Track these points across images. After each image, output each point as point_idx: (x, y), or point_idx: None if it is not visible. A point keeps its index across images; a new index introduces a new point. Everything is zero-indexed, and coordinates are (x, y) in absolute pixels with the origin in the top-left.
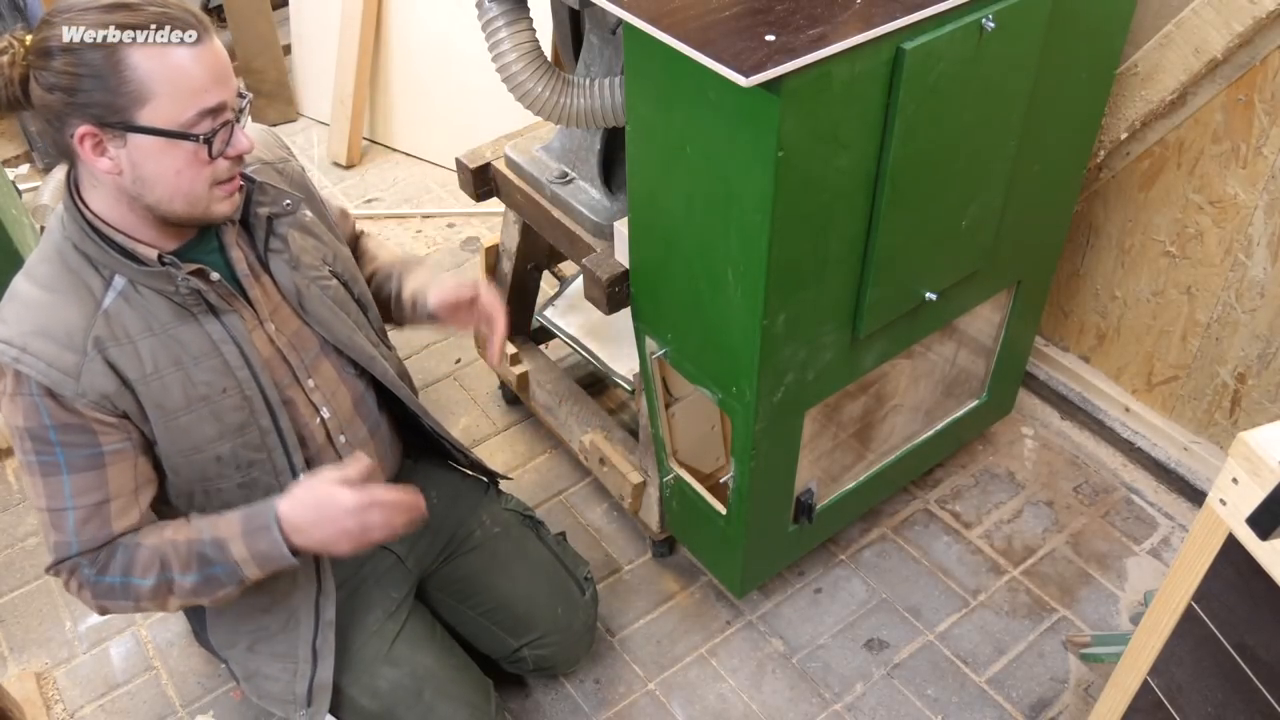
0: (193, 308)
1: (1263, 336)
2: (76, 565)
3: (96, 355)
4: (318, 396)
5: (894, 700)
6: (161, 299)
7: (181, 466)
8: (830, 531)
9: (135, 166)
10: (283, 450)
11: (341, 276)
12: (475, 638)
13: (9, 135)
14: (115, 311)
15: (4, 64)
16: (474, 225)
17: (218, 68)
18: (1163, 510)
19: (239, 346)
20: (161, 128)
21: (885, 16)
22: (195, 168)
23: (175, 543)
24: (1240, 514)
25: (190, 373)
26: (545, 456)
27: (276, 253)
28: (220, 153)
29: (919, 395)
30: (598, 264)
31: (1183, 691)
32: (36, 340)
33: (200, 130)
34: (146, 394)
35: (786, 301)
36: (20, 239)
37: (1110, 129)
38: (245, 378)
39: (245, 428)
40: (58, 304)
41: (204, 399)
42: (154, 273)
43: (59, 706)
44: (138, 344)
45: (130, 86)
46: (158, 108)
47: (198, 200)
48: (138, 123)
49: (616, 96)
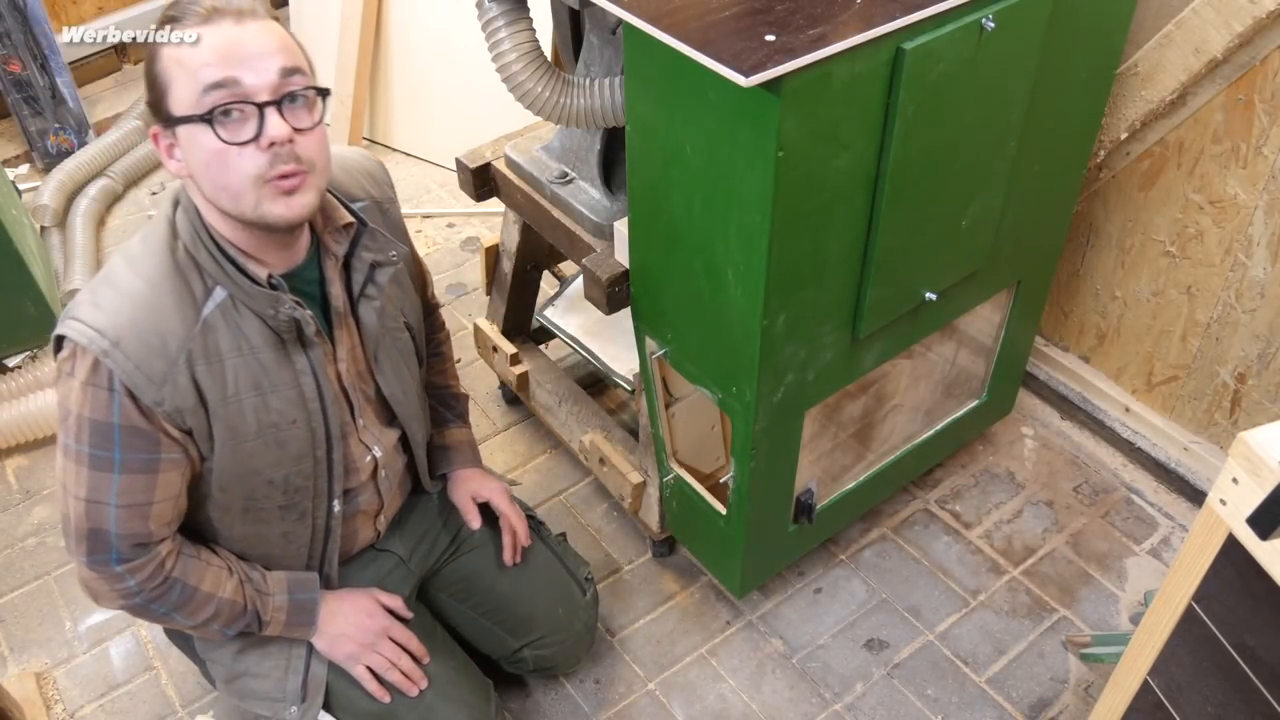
0: (285, 335)
1: (1263, 336)
2: (123, 580)
3: (185, 369)
4: (369, 436)
5: (894, 700)
6: (257, 321)
7: (231, 485)
8: (830, 531)
9: (191, 165)
10: (328, 480)
11: (413, 329)
12: (476, 638)
13: (9, 135)
14: (212, 324)
15: None
16: (474, 225)
17: (227, 47)
18: (1163, 510)
19: (317, 380)
20: (180, 114)
21: (885, 16)
22: (223, 157)
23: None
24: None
25: (267, 399)
26: (545, 456)
27: (369, 299)
28: (236, 138)
29: (919, 395)
30: (598, 264)
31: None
32: (130, 337)
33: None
34: (221, 416)
35: (786, 301)
36: (20, 239)
37: (1110, 129)
38: (315, 410)
39: (303, 458)
40: (158, 303)
41: (274, 426)
42: (259, 294)
43: (59, 706)
44: (225, 363)
45: (159, 77)
46: (176, 94)
47: (240, 196)
48: (169, 113)
49: (616, 96)
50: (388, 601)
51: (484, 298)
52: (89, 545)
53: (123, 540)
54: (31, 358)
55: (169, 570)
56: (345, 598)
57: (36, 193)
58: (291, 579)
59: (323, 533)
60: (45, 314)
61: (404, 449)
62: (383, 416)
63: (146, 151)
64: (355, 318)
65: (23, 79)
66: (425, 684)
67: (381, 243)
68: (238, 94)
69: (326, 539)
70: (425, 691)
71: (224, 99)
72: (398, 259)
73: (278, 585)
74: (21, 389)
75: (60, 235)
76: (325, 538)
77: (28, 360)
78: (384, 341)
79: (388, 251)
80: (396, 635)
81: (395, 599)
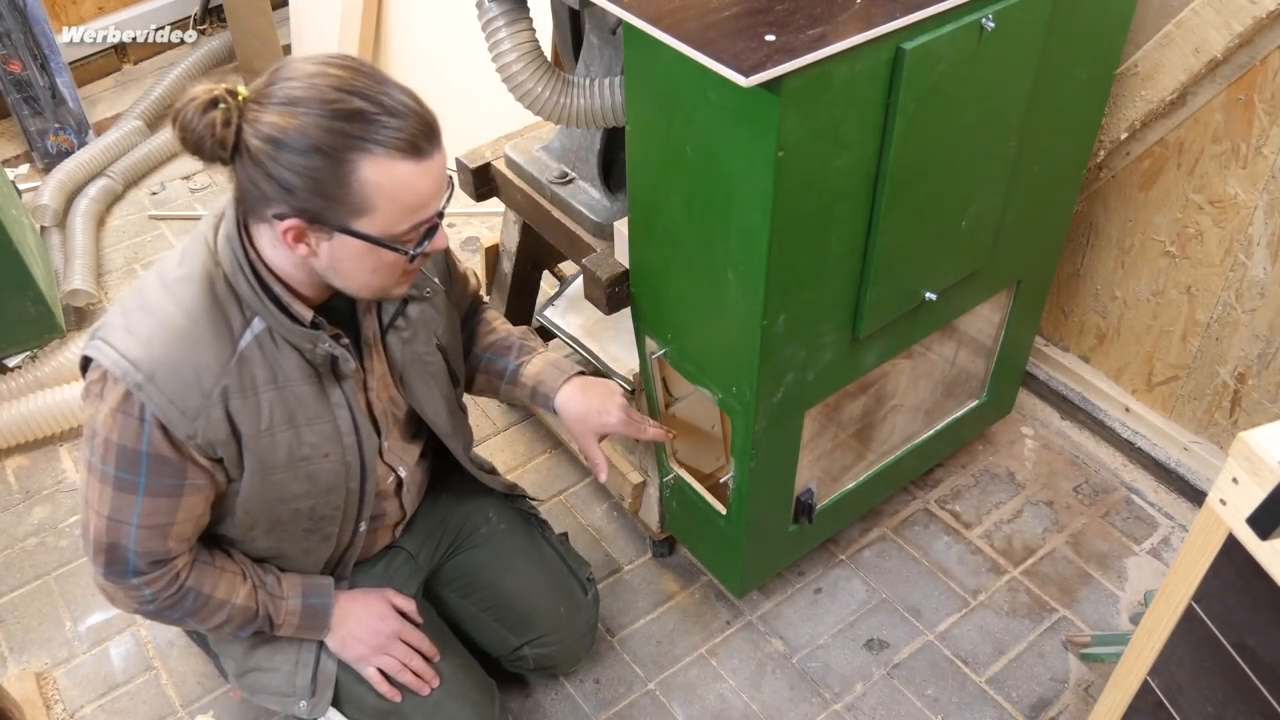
0: (320, 369)
1: (1263, 336)
2: (139, 590)
3: (220, 403)
4: (393, 457)
5: (894, 700)
6: (294, 354)
7: (257, 510)
8: (830, 531)
9: (334, 260)
10: (358, 508)
11: (445, 350)
12: (477, 635)
13: (9, 135)
14: (249, 357)
15: (216, 120)
16: (474, 225)
17: (440, 179)
18: (1163, 510)
19: (352, 413)
20: (375, 236)
21: (885, 16)
22: (393, 268)
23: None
24: (1240, 514)
25: (300, 432)
26: (545, 456)
27: (397, 329)
28: (423, 254)
29: (919, 395)
30: (598, 264)
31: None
32: (165, 372)
33: (409, 239)
34: (253, 449)
35: (786, 301)
36: (20, 239)
37: (1110, 129)
38: (350, 444)
39: (332, 490)
40: (195, 336)
41: (305, 459)
42: (299, 330)
43: (59, 706)
44: (260, 396)
45: (353, 198)
46: (375, 219)
47: (386, 290)
48: (351, 228)
49: (616, 96)
50: (401, 604)
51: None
52: (107, 558)
53: (140, 557)
54: (31, 358)
55: (183, 581)
56: (358, 599)
57: (36, 193)
58: (306, 583)
59: (345, 548)
60: (45, 314)
61: (424, 459)
62: (407, 433)
63: (146, 151)
64: (384, 345)
65: (23, 79)
66: (437, 683)
67: (420, 279)
68: (435, 221)
69: (346, 550)
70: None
71: (428, 229)
72: (432, 294)
73: (292, 589)
74: (21, 389)
75: (60, 235)
76: (346, 550)
77: (28, 360)
78: (412, 367)
79: (424, 288)
80: (408, 637)
81: (409, 602)
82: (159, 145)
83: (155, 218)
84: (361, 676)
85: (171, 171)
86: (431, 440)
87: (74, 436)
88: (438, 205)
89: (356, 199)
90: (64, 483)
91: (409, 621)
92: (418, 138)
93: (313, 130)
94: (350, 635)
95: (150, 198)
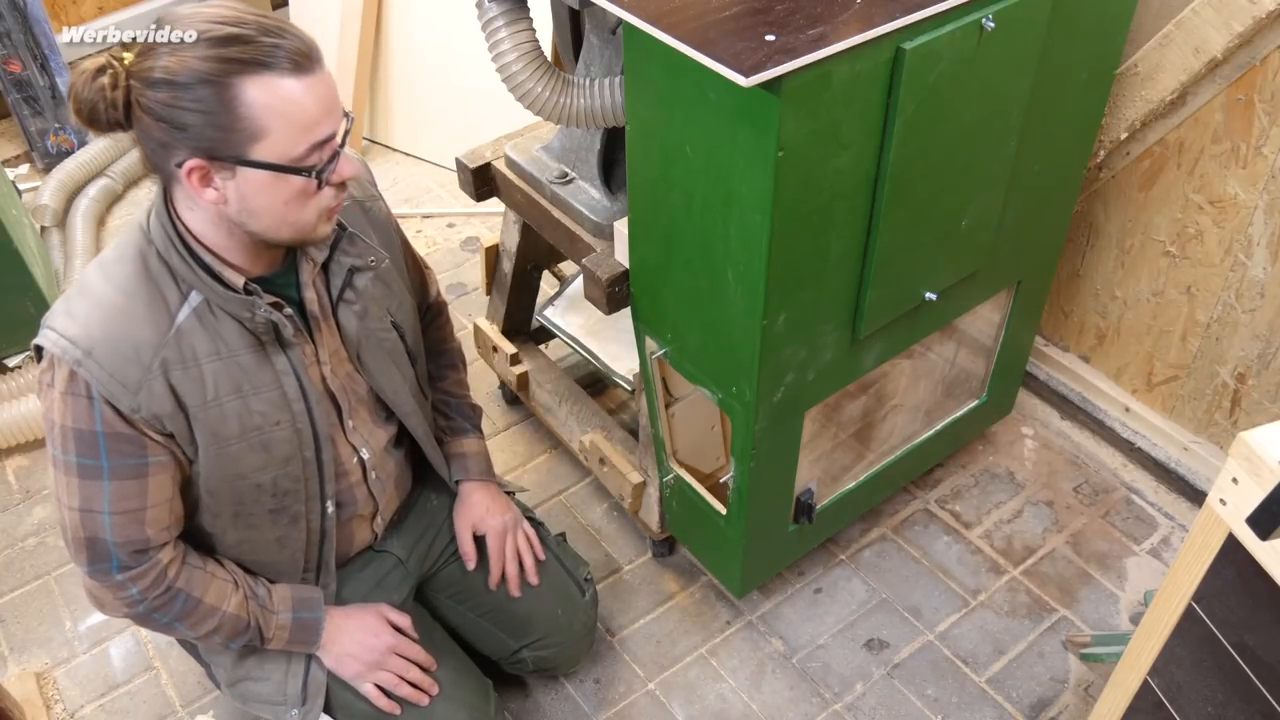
0: (263, 337)
1: (1263, 336)
2: (125, 588)
3: (160, 375)
4: (357, 438)
5: (894, 700)
6: (234, 323)
7: (219, 490)
8: (830, 531)
9: (243, 199)
10: (319, 482)
11: (400, 328)
12: (475, 639)
13: (9, 135)
14: (187, 329)
15: (105, 85)
16: (474, 225)
17: (328, 98)
18: (1163, 510)
19: (299, 381)
20: (274, 162)
21: (885, 16)
22: (303, 198)
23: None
24: (1240, 514)
25: (249, 402)
26: (545, 456)
27: (348, 303)
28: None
29: (919, 395)
30: (598, 264)
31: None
32: (103, 347)
33: (311, 163)
34: (202, 420)
35: (786, 301)
36: (20, 239)
37: (1110, 129)
38: (300, 411)
39: (290, 460)
40: (131, 311)
41: (257, 429)
42: (235, 298)
43: (59, 706)
44: (203, 367)
45: (243, 123)
46: (271, 143)
47: (304, 227)
48: (249, 157)
49: (616, 96)
50: (395, 618)
51: (484, 298)
52: (88, 554)
53: (121, 548)
54: (32, 358)
55: (171, 580)
56: (352, 615)
57: (36, 193)
58: (296, 597)
59: (318, 535)
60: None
61: (397, 447)
62: (377, 416)
63: None
64: (336, 321)
65: (23, 79)
66: (435, 692)
67: (361, 247)
68: (333, 145)
69: (322, 542)
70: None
71: (328, 153)
72: (376, 263)
73: (283, 603)
74: (21, 389)
75: (60, 235)
76: (321, 541)
77: (28, 360)
78: (367, 343)
79: (367, 256)
80: (404, 650)
81: (403, 616)
82: None
83: None
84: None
85: None
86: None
87: None
88: (331, 126)
89: (247, 124)
90: None
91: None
92: (297, 55)
93: (194, 63)
94: (345, 653)
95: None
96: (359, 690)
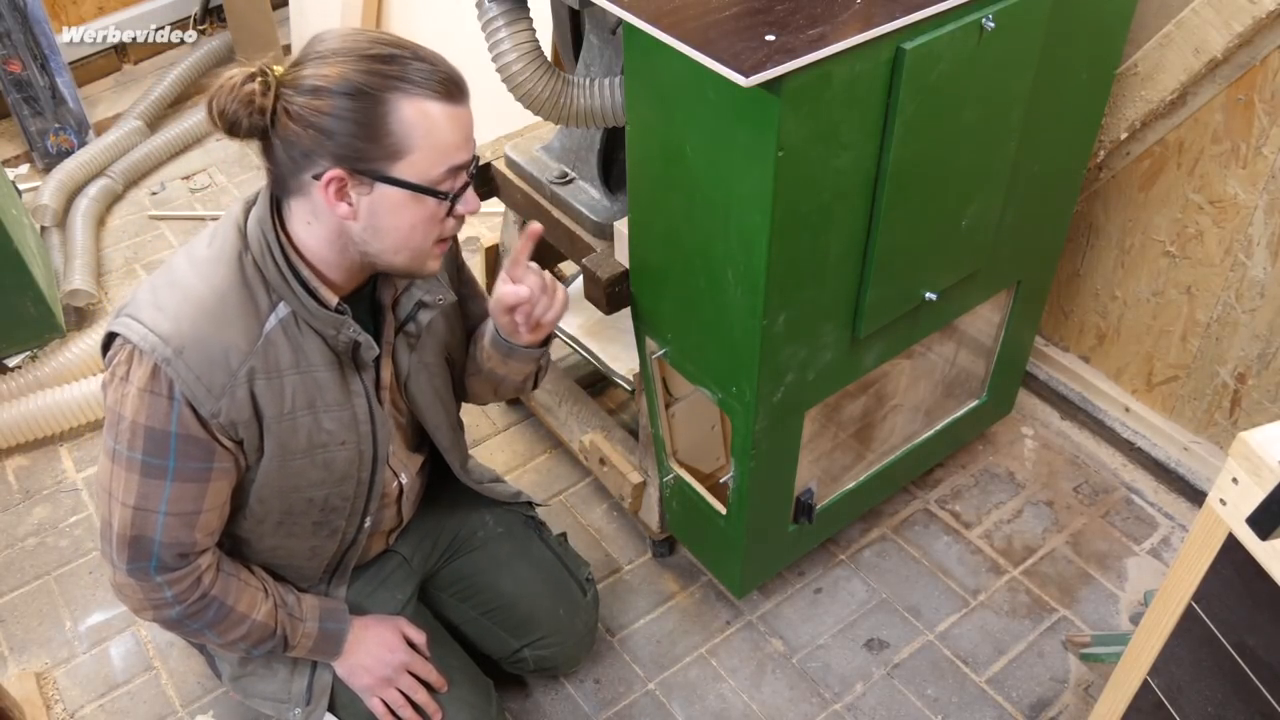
0: (342, 356)
1: (1263, 336)
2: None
3: (245, 383)
4: (396, 463)
5: (894, 700)
6: (318, 339)
7: (270, 499)
8: (830, 531)
9: (374, 215)
10: (365, 500)
11: (454, 366)
12: (477, 638)
13: (9, 135)
14: (274, 339)
15: (255, 91)
16: (474, 225)
17: (469, 128)
18: (1163, 510)
19: (369, 403)
20: (414, 182)
21: (885, 16)
22: (430, 224)
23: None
24: (1240, 514)
25: (320, 418)
26: (545, 456)
27: (407, 334)
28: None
29: (919, 395)
30: (598, 264)
31: (1183, 691)
32: (194, 347)
33: (445, 188)
34: (275, 432)
35: (786, 301)
36: (20, 239)
37: (1110, 129)
38: (365, 433)
39: (345, 479)
40: (223, 315)
41: (323, 446)
42: (325, 315)
43: (59, 706)
44: (284, 379)
45: (390, 139)
46: (412, 162)
47: (420, 255)
48: (390, 174)
49: (616, 96)
50: (412, 635)
51: None
52: (130, 552)
53: (166, 549)
54: (31, 358)
55: (207, 586)
56: (370, 627)
57: (36, 193)
58: (324, 608)
59: (348, 546)
60: (45, 314)
61: (421, 473)
62: (411, 443)
63: (146, 151)
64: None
65: (23, 79)
66: (439, 718)
67: (431, 284)
68: (466, 175)
69: (346, 552)
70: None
71: (461, 183)
72: (444, 301)
73: (310, 611)
74: (21, 389)
75: (60, 235)
76: (347, 550)
77: (28, 360)
78: (416, 376)
79: (435, 294)
80: (416, 669)
81: (420, 633)
82: (159, 145)
83: (155, 218)
84: None
85: (171, 171)
86: (430, 452)
87: (74, 436)
88: (467, 155)
89: (393, 140)
90: (64, 483)
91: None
92: (449, 82)
93: (352, 74)
94: (358, 664)
95: (150, 198)
96: (366, 703)
